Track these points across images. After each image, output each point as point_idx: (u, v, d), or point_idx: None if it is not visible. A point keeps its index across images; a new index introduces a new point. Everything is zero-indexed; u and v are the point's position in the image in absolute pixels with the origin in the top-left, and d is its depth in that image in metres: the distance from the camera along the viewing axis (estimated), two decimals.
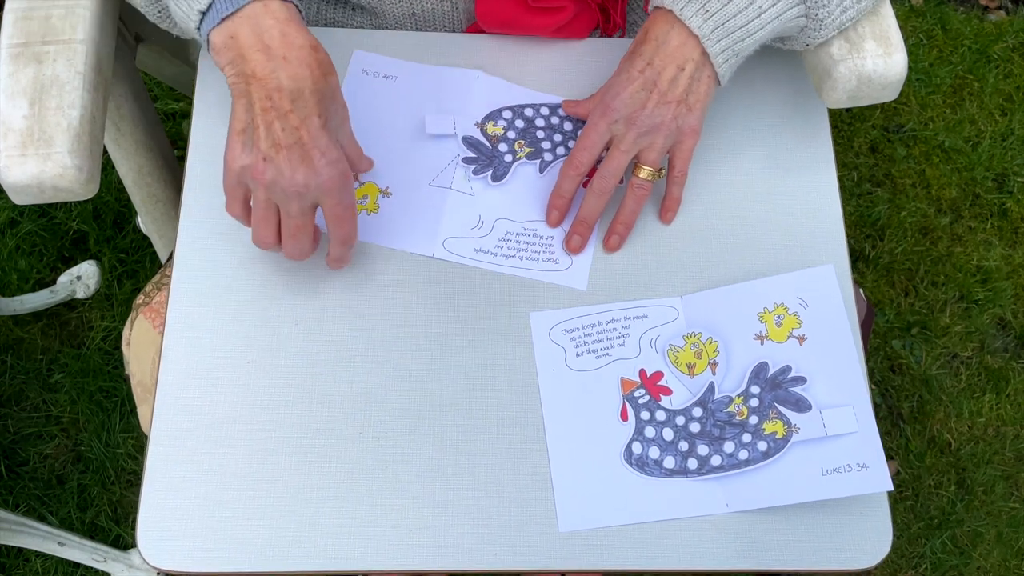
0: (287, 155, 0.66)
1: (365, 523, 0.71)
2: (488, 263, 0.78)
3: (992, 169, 1.74)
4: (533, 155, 0.82)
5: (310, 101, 0.66)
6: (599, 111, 0.76)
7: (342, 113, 0.69)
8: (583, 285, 0.78)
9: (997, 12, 1.92)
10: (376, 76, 0.84)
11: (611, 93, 0.75)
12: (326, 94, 0.66)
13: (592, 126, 0.76)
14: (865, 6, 0.77)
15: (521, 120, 0.83)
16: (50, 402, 1.44)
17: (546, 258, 0.79)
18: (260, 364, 0.75)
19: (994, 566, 1.45)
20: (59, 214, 1.56)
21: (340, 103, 0.68)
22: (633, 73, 0.74)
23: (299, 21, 0.67)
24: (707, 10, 0.72)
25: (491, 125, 0.83)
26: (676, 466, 0.73)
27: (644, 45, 0.75)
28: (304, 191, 0.67)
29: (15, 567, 1.34)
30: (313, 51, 0.66)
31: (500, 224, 0.80)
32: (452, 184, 0.81)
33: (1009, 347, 1.61)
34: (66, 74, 0.79)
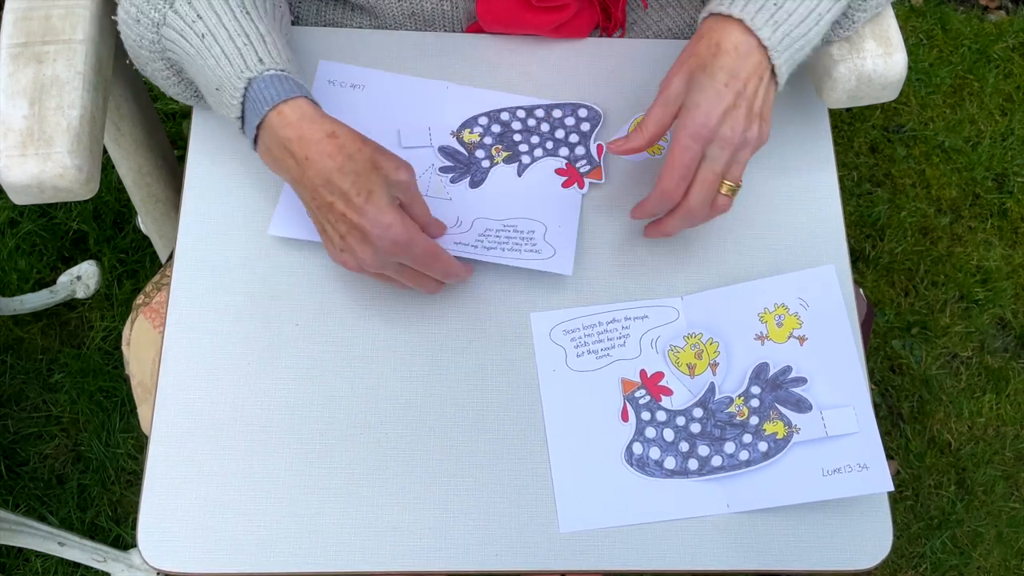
0: (352, 241, 0.69)
1: (365, 524, 0.71)
2: (468, 255, 0.76)
3: (992, 169, 1.74)
4: (511, 159, 0.81)
5: (344, 185, 0.68)
6: (691, 133, 0.71)
7: (394, 176, 0.69)
8: (568, 270, 0.76)
9: (997, 12, 1.92)
10: (343, 86, 0.83)
11: (702, 112, 0.70)
12: (359, 171, 0.68)
13: (684, 149, 0.71)
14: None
15: (497, 125, 0.82)
16: (50, 402, 1.44)
17: (528, 249, 0.77)
18: (260, 364, 0.75)
19: (994, 566, 1.45)
20: (59, 214, 1.56)
21: (385, 168, 0.69)
22: (720, 88, 0.70)
23: (312, 116, 0.69)
24: (776, 20, 0.71)
25: (467, 132, 0.82)
26: (677, 467, 0.73)
27: (721, 57, 0.70)
28: (382, 262, 0.70)
29: (15, 567, 1.34)
30: (331, 139, 0.68)
31: (479, 223, 0.79)
32: (428, 191, 0.80)
33: (1009, 347, 1.61)
34: (66, 74, 0.79)
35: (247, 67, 0.69)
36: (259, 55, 0.70)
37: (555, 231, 0.78)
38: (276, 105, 0.69)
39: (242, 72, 0.69)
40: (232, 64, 0.70)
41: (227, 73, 0.70)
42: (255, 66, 0.70)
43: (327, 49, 0.85)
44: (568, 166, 0.81)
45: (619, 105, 0.85)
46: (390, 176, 0.69)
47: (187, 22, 0.71)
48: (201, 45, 0.71)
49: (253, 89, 0.69)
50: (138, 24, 0.73)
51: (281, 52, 0.71)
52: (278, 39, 0.72)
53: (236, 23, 0.71)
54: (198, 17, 0.71)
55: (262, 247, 0.78)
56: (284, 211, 0.78)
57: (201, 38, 0.70)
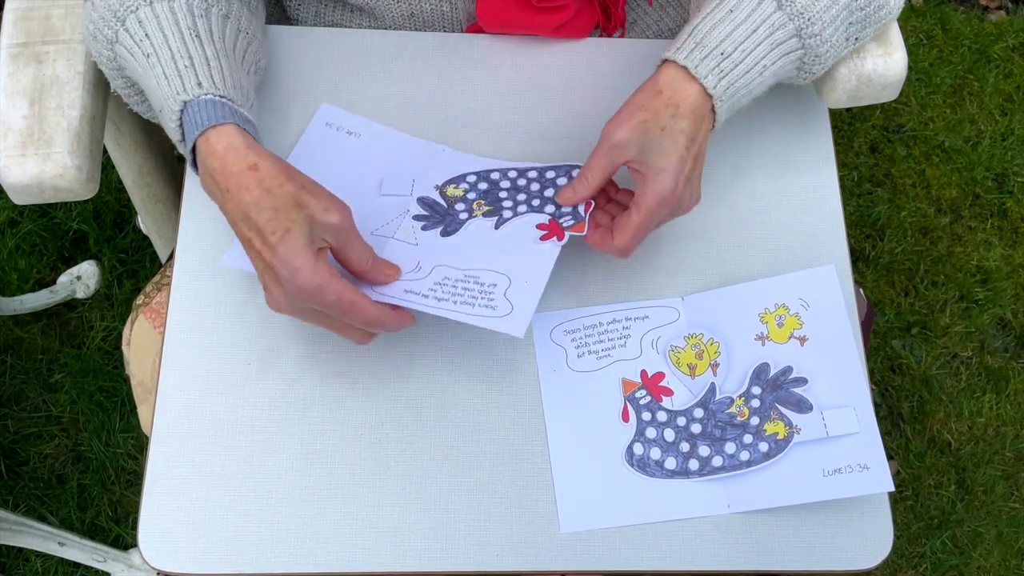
0: (268, 280, 0.66)
1: (366, 524, 0.71)
2: (418, 304, 0.70)
3: (992, 169, 1.74)
4: (491, 213, 0.76)
5: (260, 221, 0.64)
6: (660, 199, 0.70)
7: (321, 216, 0.65)
8: (520, 332, 0.69)
9: (997, 12, 1.92)
10: (339, 131, 0.82)
11: (670, 177, 0.70)
12: (277, 207, 0.64)
13: (651, 215, 0.70)
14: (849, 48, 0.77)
15: (485, 183, 0.78)
16: (50, 402, 1.44)
17: (483, 304, 0.71)
18: (261, 365, 0.75)
19: (994, 566, 1.45)
20: (59, 214, 1.56)
21: (311, 207, 0.65)
22: (683, 153, 0.70)
23: (238, 146, 0.66)
24: (721, 69, 0.71)
25: (452, 187, 0.78)
26: (677, 467, 0.73)
27: (680, 120, 0.70)
28: (294, 306, 0.66)
29: (15, 567, 1.34)
30: (251, 172, 0.65)
31: (439, 270, 0.74)
32: (396, 234, 0.76)
33: (1009, 347, 1.61)
34: (66, 74, 0.79)
35: (184, 89, 0.68)
36: (199, 78, 0.68)
37: (519, 287, 0.72)
38: (204, 131, 0.67)
39: (178, 94, 0.68)
40: (171, 85, 0.68)
41: (165, 94, 0.69)
42: (192, 89, 0.68)
43: (327, 49, 0.85)
44: (551, 221, 0.75)
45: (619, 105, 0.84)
46: (317, 216, 0.65)
47: (135, 40, 0.70)
48: (147, 64, 0.70)
49: (187, 112, 0.68)
50: (95, 40, 0.73)
51: (226, 79, 0.69)
52: (227, 66, 0.70)
53: (182, 45, 0.69)
54: (146, 36, 0.70)
55: None
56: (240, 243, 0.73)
57: (147, 57, 0.70)
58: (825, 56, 0.75)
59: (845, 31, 0.75)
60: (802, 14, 0.72)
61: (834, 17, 0.73)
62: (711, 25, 0.71)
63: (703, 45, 0.71)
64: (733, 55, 0.71)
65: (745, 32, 0.71)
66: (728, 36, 0.71)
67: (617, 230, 0.72)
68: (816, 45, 0.73)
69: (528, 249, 0.75)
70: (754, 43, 0.71)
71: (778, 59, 0.73)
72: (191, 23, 0.70)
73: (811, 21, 0.72)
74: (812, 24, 0.72)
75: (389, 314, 0.68)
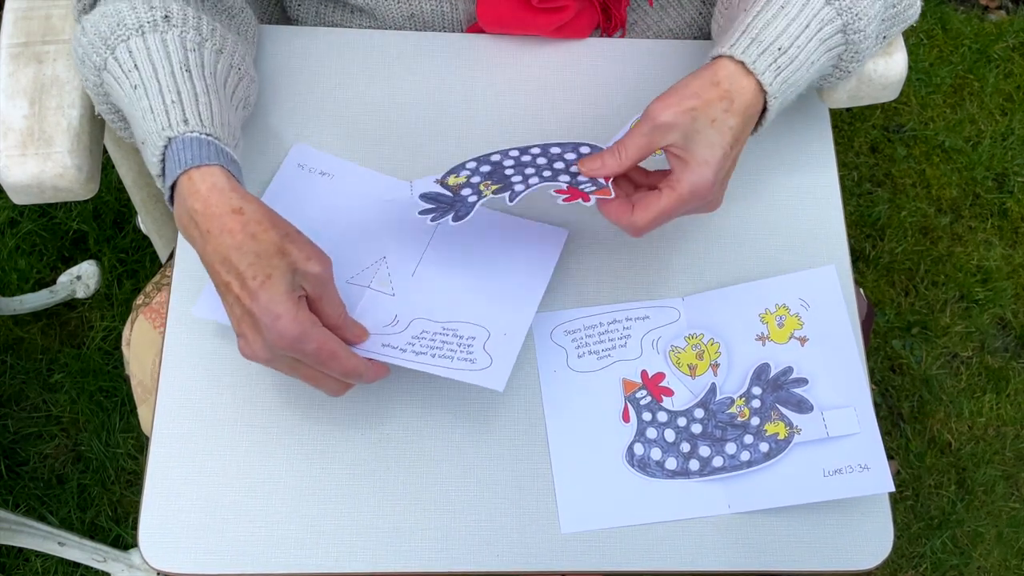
0: (245, 327, 0.65)
1: (366, 524, 0.71)
2: (395, 358, 0.70)
3: (992, 169, 1.74)
4: (501, 190, 0.72)
5: (241, 265, 0.63)
6: (694, 190, 0.68)
7: (303, 266, 0.64)
8: (500, 386, 0.68)
9: (997, 12, 1.92)
10: (312, 172, 0.80)
11: (710, 171, 0.68)
12: (260, 253, 0.63)
13: (681, 202, 0.68)
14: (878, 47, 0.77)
15: (487, 165, 0.74)
16: (50, 402, 1.44)
17: (462, 357, 0.70)
18: (261, 365, 0.74)
19: (994, 566, 1.45)
20: (59, 214, 1.56)
21: (293, 256, 0.64)
22: (727, 150, 0.68)
23: (223, 187, 0.65)
24: (779, 65, 0.70)
25: (452, 178, 0.74)
26: (678, 467, 0.73)
27: (732, 116, 0.68)
28: (272, 354, 0.65)
29: (15, 567, 1.34)
30: (235, 215, 0.64)
31: (417, 323, 0.73)
32: (371, 283, 0.75)
33: (1009, 347, 1.61)
34: (66, 74, 0.79)
35: (169, 125, 0.66)
36: (185, 115, 0.67)
37: (498, 339, 0.72)
38: (187, 170, 0.65)
39: (163, 130, 0.66)
40: (156, 120, 0.67)
41: (150, 129, 0.67)
42: (178, 126, 0.66)
43: (327, 49, 0.85)
44: (569, 187, 0.71)
45: (619, 105, 0.85)
46: (298, 265, 0.64)
47: (124, 71, 0.69)
48: (133, 96, 0.68)
49: (171, 149, 0.66)
50: (83, 65, 0.72)
51: (214, 116, 0.68)
52: (216, 103, 0.69)
53: (171, 80, 0.68)
54: (135, 67, 0.68)
55: None
56: (211, 291, 0.72)
57: (134, 89, 0.68)
58: (863, 53, 0.74)
59: (877, 28, 0.74)
60: (850, 9, 0.71)
61: (876, 14, 0.73)
62: (765, 21, 0.70)
63: (759, 40, 0.69)
64: (790, 51, 0.70)
65: (799, 27, 0.70)
66: (784, 31, 0.70)
67: (640, 206, 0.69)
68: (858, 41, 0.73)
69: (507, 299, 0.75)
70: (807, 39, 0.71)
71: (823, 55, 0.72)
72: (182, 57, 0.69)
73: (858, 16, 0.71)
74: (859, 19, 0.71)
75: (367, 365, 0.68)
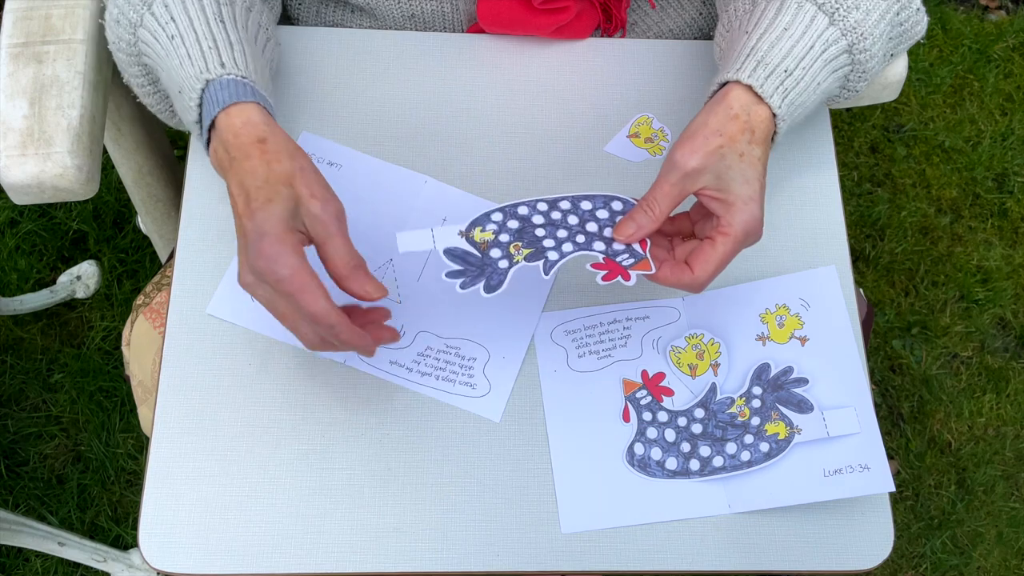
0: (240, 248, 0.65)
1: (367, 524, 0.71)
2: (402, 378, 0.74)
3: (992, 169, 1.74)
4: (534, 256, 0.68)
5: (250, 186, 0.64)
6: (747, 229, 0.66)
7: (306, 203, 0.64)
8: (497, 417, 0.73)
9: (997, 12, 1.92)
10: (320, 162, 0.80)
11: (757, 207, 0.66)
12: (269, 179, 0.64)
13: (738, 244, 0.67)
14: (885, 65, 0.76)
15: (515, 220, 0.70)
16: (50, 402, 1.44)
17: (463, 381, 0.74)
18: (261, 365, 0.75)
19: (994, 566, 1.45)
20: (59, 214, 1.56)
21: (299, 191, 0.64)
22: (763, 181, 0.67)
23: (255, 122, 0.67)
24: (786, 88, 0.69)
25: (479, 231, 0.70)
26: (678, 467, 0.73)
27: (758, 146, 0.67)
28: (254, 279, 0.64)
29: (15, 567, 1.34)
30: (259, 144, 0.66)
31: (422, 337, 0.75)
32: None
33: (1009, 347, 1.61)
34: (66, 74, 0.79)
35: (207, 68, 0.69)
36: (222, 59, 0.69)
37: (497, 363, 0.75)
38: (226, 107, 0.67)
39: (201, 73, 0.69)
40: (194, 65, 0.69)
41: (188, 74, 0.69)
42: (215, 69, 0.68)
43: (327, 49, 0.85)
44: (607, 260, 0.69)
45: (619, 105, 0.85)
46: (302, 200, 0.64)
47: (161, 24, 0.71)
48: (170, 46, 0.70)
49: (209, 91, 0.68)
50: (118, 25, 0.73)
51: (248, 63, 0.70)
52: (250, 53, 0.71)
53: (207, 28, 0.70)
54: (171, 19, 0.71)
55: None
56: (224, 290, 0.74)
57: (171, 39, 0.70)
58: (870, 73, 0.74)
59: (885, 46, 0.74)
60: (855, 29, 0.70)
61: (882, 33, 0.72)
62: (769, 43, 0.69)
63: (765, 63, 0.69)
64: (795, 72, 0.69)
65: (803, 49, 0.69)
66: (789, 53, 0.69)
67: (697, 262, 0.67)
68: (865, 61, 0.72)
69: (508, 319, 0.76)
70: (811, 60, 0.70)
71: (829, 76, 0.71)
72: (216, 10, 0.71)
73: (863, 36, 0.71)
74: (864, 39, 0.71)
75: (340, 318, 0.64)
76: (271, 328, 0.75)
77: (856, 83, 0.74)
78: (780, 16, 0.71)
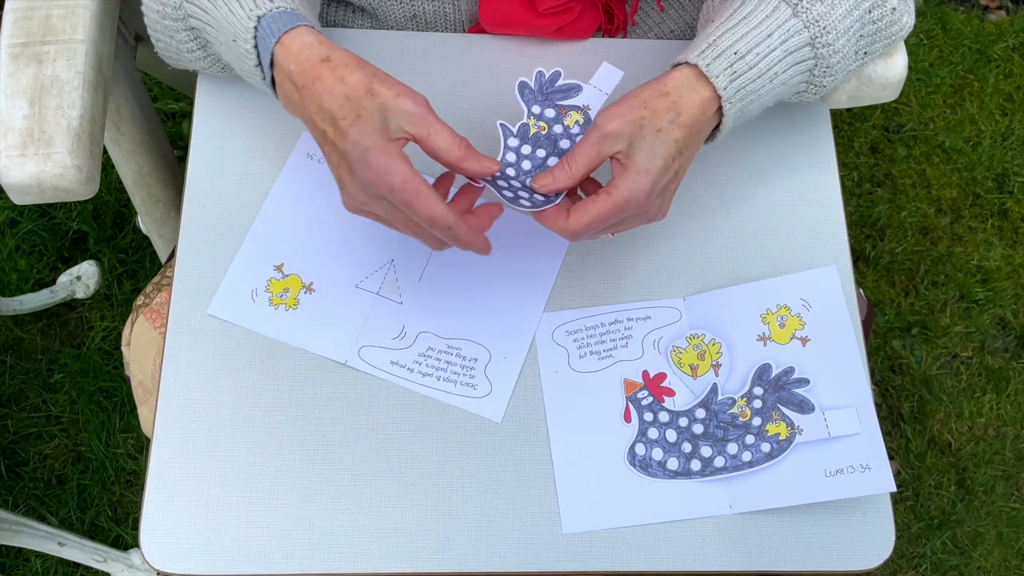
0: (343, 172, 0.66)
1: (368, 525, 0.71)
2: (403, 378, 0.74)
3: (992, 169, 1.74)
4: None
5: (333, 108, 0.64)
6: (629, 198, 0.67)
7: (393, 103, 0.64)
8: (498, 417, 0.74)
9: (997, 12, 1.92)
10: (322, 162, 0.80)
11: (648, 180, 0.67)
12: (350, 95, 0.64)
13: (617, 208, 0.68)
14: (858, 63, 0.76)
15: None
16: (50, 402, 1.44)
17: (464, 382, 0.74)
18: (262, 365, 0.74)
19: (994, 566, 1.45)
20: (59, 214, 1.55)
21: (382, 95, 0.64)
22: (669, 162, 0.68)
23: (312, 43, 0.67)
24: (734, 71, 0.69)
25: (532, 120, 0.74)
26: (679, 467, 0.73)
27: (678, 129, 0.68)
28: (367, 195, 0.65)
29: (15, 567, 1.34)
30: (324, 64, 0.66)
31: (423, 338, 0.76)
32: (380, 290, 0.77)
33: (1009, 347, 1.61)
34: (66, 74, 0.78)
35: (256, 6, 0.68)
36: None
37: (498, 363, 0.75)
38: (279, 38, 0.67)
39: (252, 11, 0.68)
40: (243, 7, 0.69)
41: (239, 17, 0.69)
42: (265, 5, 0.68)
43: None
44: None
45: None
46: (389, 103, 0.64)
47: None
48: None
49: (262, 28, 0.68)
50: None
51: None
52: None
53: None
54: None
55: None
56: (225, 291, 0.75)
57: None
58: (835, 68, 0.74)
59: (855, 44, 0.74)
60: (818, 22, 0.71)
61: (847, 28, 0.72)
62: (725, 29, 0.71)
63: (715, 45, 0.70)
64: (747, 57, 0.70)
65: (760, 36, 0.70)
66: (742, 37, 0.70)
67: (575, 210, 0.68)
68: (828, 55, 0.72)
69: (510, 309, 0.77)
70: (768, 48, 0.70)
71: (789, 67, 0.72)
72: None
73: (826, 30, 0.71)
74: (827, 33, 0.71)
75: (455, 219, 0.65)
76: (272, 328, 0.75)
77: (822, 78, 0.74)
78: (744, 6, 0.72)
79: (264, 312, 0.75)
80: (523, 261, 0.78)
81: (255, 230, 0.78)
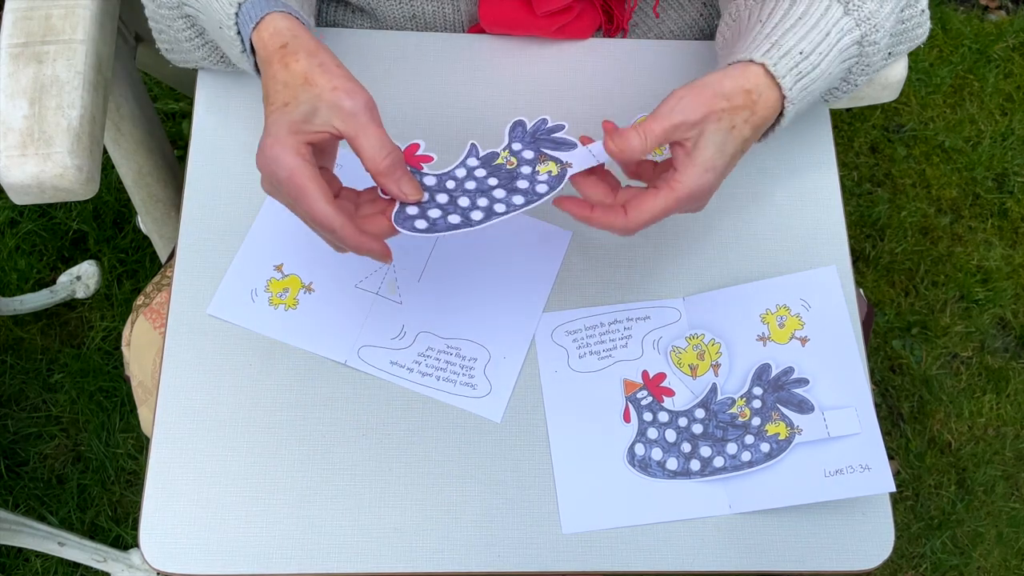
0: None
1: (367, 525, 0.71)
2: (403, 378, 0.74)
3: (992, 169, 1.74)
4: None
5: (271, 92, 0.64)
6: (692, 193, 0.66)
7: (327, 96, 0.62)
8: (498, 417, 0.73)
9: (997, 12, 1.92)
10: None
11: (714, 177, 0.66)
12: (288, 82, 0.63)
13: (678, 203, 0.66)
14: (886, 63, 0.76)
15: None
16: (50, 402, 1.44)
17: (464, 382, 0.74)
18: (262, 365, 0.74)
19: (994, 566, 1.45)
20: (59, 214, 1.55)
21: (319, 86, 0.62)
22: (732, 160, 0.67)
23: (281, 31, 0.66)
24: (800, 71, 0.68)
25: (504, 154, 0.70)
26: (679, 467, 0.73)
27: (746, 128, 0.66)
28: (267, 185, 0.64)
29: (15, 567, 1.34)
30: (281, 50, 0.65)
31: (423, 338, 0.75)
32: (379, 290, 0.77)
33: (1009, 347, 1.61)
34: (66, 74, 0.78)
35: None
36: None
37: (498, 363, 0.75)
38: (255, 27, 0.66)
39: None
40: None
41: (222, 3, 0.68)
42: None
43: None
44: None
45: (620, 105, 0.85)
46: (323, 96, 0.62)
47: None
48: None
49: (242, 14, 0.68)
50: None
51: None
52: None
53: None
54: None
55: None
56: (225, 291, 0.75)
57: None
58: (872, 67, 0.73)
59: (888, 42, 0.73)
60: (868, 20, 0.70)
61: (891, 27, 0.72)
62: (784, 29, 0.69)
63: (779, 45, 0.68)
64: (811, 57, 0.68)
65: (820, 35, 0.69)
66: (804, 36, 0.68)
67: (633, 208, 0.66)
68: (871, 53, 0.72)
69: (510, 309, 0.76)
70: (828, 47, 0.69)
71: (839, 65, 0.71)
72: None
73: (875, 28, 0.70)
74: (876, 31, 0.70)
75: (344, 224, 0.61)
76: (271, 328, 0.75)
77: (858, 76, 0.74)
78: (795, 6, 0.70)
79: (264, 312, 0.75)
80: (523, 261, 0.78)
81: (255, 230, 0.78)
